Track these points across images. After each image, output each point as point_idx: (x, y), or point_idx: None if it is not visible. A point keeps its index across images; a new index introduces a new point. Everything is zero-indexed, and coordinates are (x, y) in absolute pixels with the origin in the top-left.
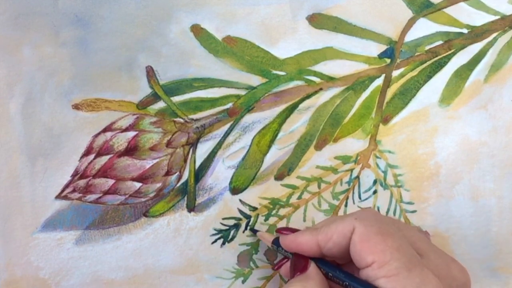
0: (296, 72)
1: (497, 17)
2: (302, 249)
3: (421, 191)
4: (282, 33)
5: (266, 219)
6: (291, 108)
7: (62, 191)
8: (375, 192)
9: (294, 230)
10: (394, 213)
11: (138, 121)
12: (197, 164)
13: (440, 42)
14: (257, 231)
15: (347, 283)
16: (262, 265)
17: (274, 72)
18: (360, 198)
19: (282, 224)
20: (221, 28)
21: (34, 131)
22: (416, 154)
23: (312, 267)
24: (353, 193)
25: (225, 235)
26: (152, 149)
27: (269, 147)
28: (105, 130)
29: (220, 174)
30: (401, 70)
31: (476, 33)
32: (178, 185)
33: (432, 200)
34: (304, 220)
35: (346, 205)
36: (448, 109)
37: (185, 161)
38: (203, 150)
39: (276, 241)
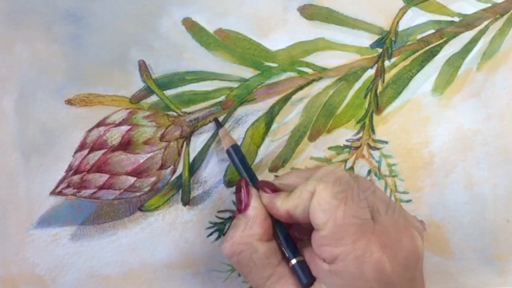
0: (288, 63)
1: (488, 4)
2: (274, 214)
3: (416, 180)
4: (274, 25)
5: None
6: (284, 99)
7: (57, 187)
8: None
9: (274, 189)
10: None
11: (131, 115)
12: (191, 157)
13: (432, 31)
14: (222, 126)
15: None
16: None
17: (266, 64)
18: None
19: None
20: (213, 21)
21: (27, 127)
22: (410, 144)
23: (253, 207)
24: None
25: (220, 228)
26: (146, 143)
27: (263, 139)
28: (98, 125)
29: (215, 167)
30: (393, 59)
31: (468, 21)
32: (172, 179)
33: (426, 189)
34: None
35: None
36: (441, 98)
37: (179, 154)
38: (197, 143)
39: (232, 149)
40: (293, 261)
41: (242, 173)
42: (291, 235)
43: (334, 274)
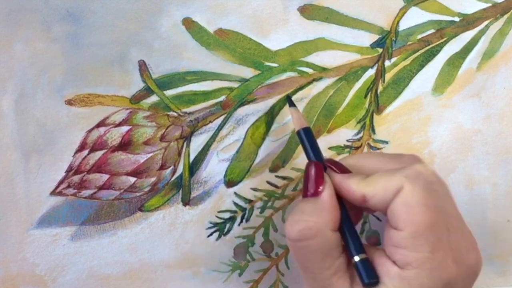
0: (288, 63)
1: (489, 4)
2: (346, 196)
3: None
4: (274, 25)
5: (261, 212)
6: (284, 99)
7: (57, 187)
8: None
9: (343, 169)
10: None
11: (131, 115)
12: (191, 157)
13: (432, 30)
14: (293, 104)
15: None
16: (259, 258)
17: (267, 64)
18: None
19: (277, 216)
20: (213, 21)
21: (27, 128)
22: (410, 143)
23: (327, 194)
24: None
25: (220, 228)
26: (146, 143)
27: (263, 139)
28: (98, 125)
29: (215, 167)
30: (394, 59)
31: (468, 21)
32: (172, 179)
33: None
34: None
35: None
36: (441, 97)
37: (179, 154)
38: (197, 143)
39: (304, 132)
40: (357, 258)
41: (311, 157)
42: None
43: (404, 279)
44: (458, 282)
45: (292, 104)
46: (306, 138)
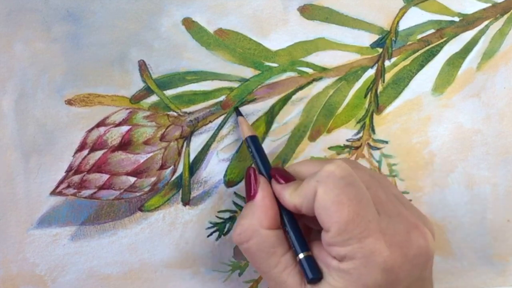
0: (288, 63)
1: (489, 4)
2: (286, 207)
3: (416, 180)
4: (274, 25)
5: None
6: (284, 99)
7: (57, 187)
8: None
9: (287, 178)
10: None
11: (131, 115)
12: (191, 157)
13: (432, 30)
14: (241, 114)
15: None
16: None
17: (267, 64)
18: None
19: None
20: (213, 21)
21: (27, 128)
22: (410, 143)
23: (260, 195)
24: None
25: (220, 228)
26: (146, 143)
27: (263, 139)
28: (98, 125)
29: (215, 167)
30: (394, 59)
31: (468, 21)
32: (172, 179)
33: (427, 189)
34: None
35: None
36: (441, 97)
37: (179, 154)
38: (197, 143)
39: (250, 139)
40: (301, 256)
41: (258, 163)
42: (303, 225)
43: (343, 271)
44: (397, 266)
45: (239, 114)
46: (253, 145)
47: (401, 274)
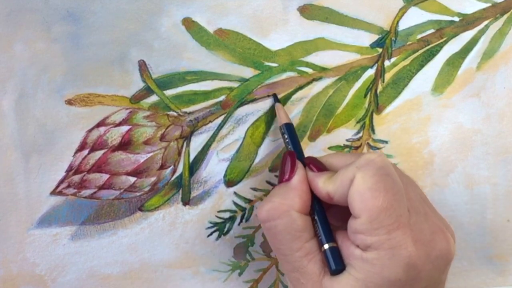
0: (288, 63)
1: (488, 4)
2: (317, 194)
3: (416, 180)
4: (274, 25)
5: None
6: (284, 99)
7: (57, 187)
8: None
9: (320, 168)
10: None
11: (131, 115)
12: (191, 157)
13: (432, 30)
14: (278, 101)
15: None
16: (258, 257)
17: (267, 63)
18: None
19: None
20: (213, 21)
21: (27, 128)
22: (410, 143)
23: (297, 179)
24: None
25: (220, 228)
26: (146, 143)
27: (263, 139)
28: (98, 125)
29: (215, 167)
30: (393, 59)
31: (468, 21)
32: (172, 178)
33: (426, 189)
34: None
35: None
36: (441, 97)
37: (179, 154)
38: (197, 143)
39: (286, 127)
40: (326, 246)
41: (292, 150)
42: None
43: (366, 261)
44: (420, 264)
45: (277, 100)
46: (288, 132)
47: (422, 273)
